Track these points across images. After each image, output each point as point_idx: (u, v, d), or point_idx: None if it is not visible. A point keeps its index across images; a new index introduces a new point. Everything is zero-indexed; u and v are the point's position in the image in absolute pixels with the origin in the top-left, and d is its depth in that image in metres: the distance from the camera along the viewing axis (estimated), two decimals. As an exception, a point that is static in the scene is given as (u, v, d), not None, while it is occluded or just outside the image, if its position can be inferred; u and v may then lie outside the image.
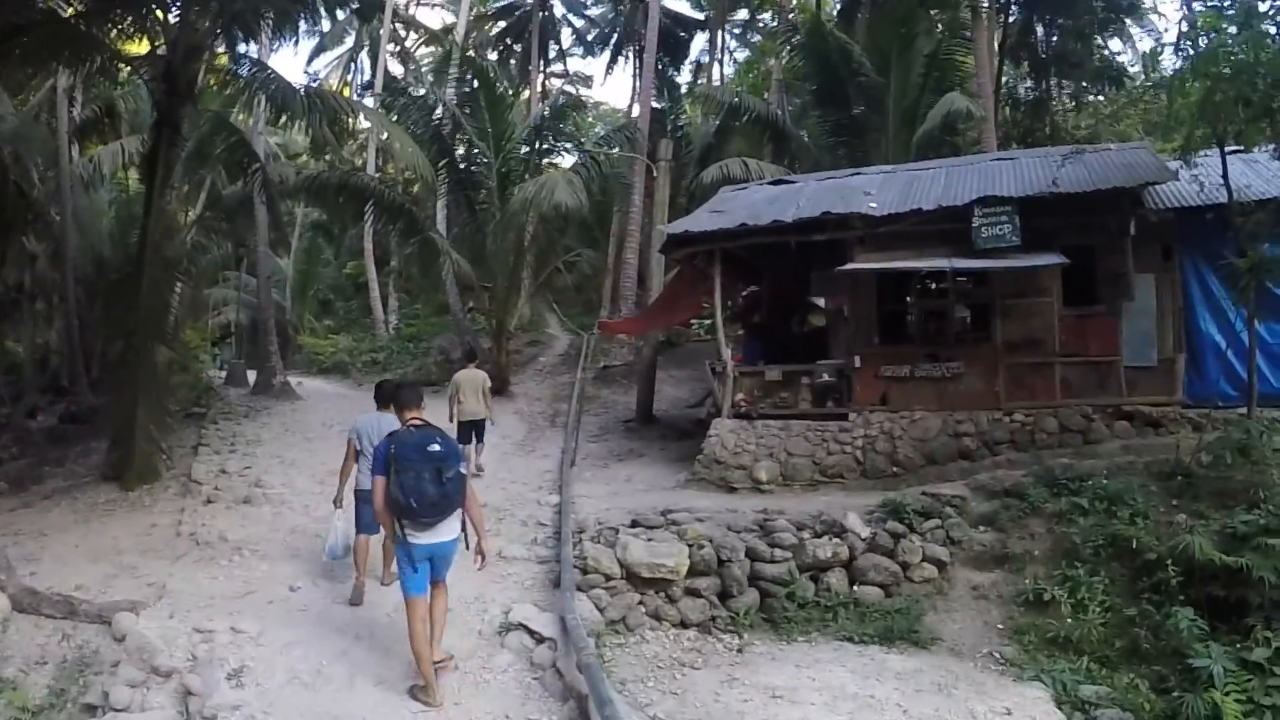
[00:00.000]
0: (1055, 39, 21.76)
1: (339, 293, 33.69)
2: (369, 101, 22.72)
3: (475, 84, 18.02)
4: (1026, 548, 8.81)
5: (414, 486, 5.52)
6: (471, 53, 21.95)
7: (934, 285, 12.31)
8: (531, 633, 7.07)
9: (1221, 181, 9.70)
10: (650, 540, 8.74)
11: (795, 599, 8.37)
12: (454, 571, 6.39)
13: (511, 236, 17.63)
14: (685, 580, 8.36)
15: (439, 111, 18.43)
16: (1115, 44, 23.52)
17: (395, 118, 19.03)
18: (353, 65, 35.61)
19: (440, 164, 17.99)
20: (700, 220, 12.70)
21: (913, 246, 11.21)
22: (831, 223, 11.54)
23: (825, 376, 11.69)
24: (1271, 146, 10.03)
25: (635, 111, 26.48)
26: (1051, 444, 10.71)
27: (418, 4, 36.26)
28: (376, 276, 28.00)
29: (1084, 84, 22.76)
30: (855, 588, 8.60)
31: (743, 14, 32.89)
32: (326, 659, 6.62)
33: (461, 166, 18.34)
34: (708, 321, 12.47)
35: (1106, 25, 21.54)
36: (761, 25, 34.38)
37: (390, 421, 6.87)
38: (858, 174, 13.81)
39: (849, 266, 11.21)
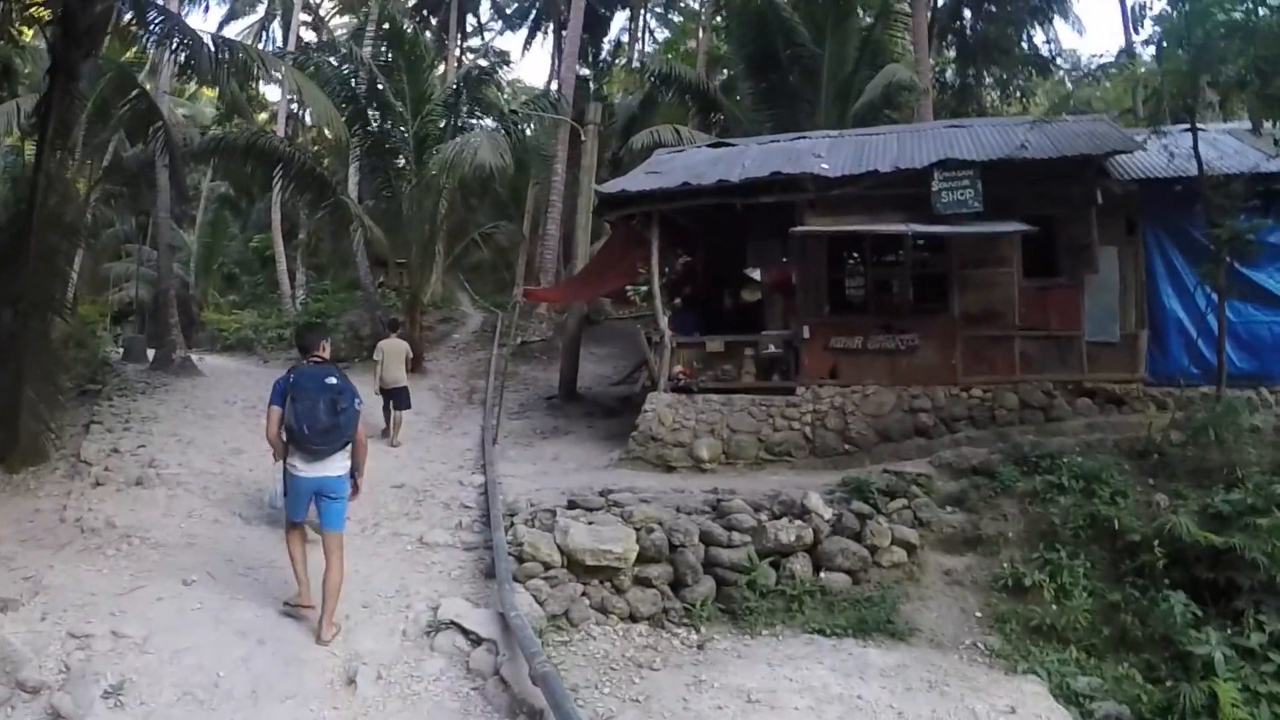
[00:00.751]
0: (981, 25, 21.63)
1: (245, 268, 31.26)
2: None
3: (391, 47, 16.42)
4: (1000, 529, 8.12)
5: (308, 413, 5.63)
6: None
7: (888, 254, 11.60)
8: (466, 633, 5.91)
9: (1190, 153, 9.29)
10: (592, 524, 7.67)
11: (756, 588, 7.42)
12: (371, 560, 5.23)
13: (428, 204, 16.17)
14: (634, 568, 7.32)
15: (355, 74, 16.66)
16: (1039, 35, 23.74)
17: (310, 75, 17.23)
18: (264, 34, 33.19)
19: (354, 128, 16.33)
20: (637, 180, 11.65)
21: (866, 211, 10.45)
22: (780, 184, 10.65)
23: (771, 348, 10.81)
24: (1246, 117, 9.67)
25: (555, 87, 25.16)
26: (1012, 421, 10.12)
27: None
28: (284, 250, 25.94)
29: (1010, 71, 22.81)
30: (821, 574, 7.70)
31: (667, -8, 32.05)
32: (225, 669, 5.34)
33: (376, 130, 16.60)
34: (643, 288, 11.28)
35: (1036, 14, 21.61)
36: (684, 5, 33.61)
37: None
38: (803, 138, 13.01)
39: (802, 229, 10.36)
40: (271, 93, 33.41)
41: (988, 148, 10.59)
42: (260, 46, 31.65)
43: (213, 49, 12.30)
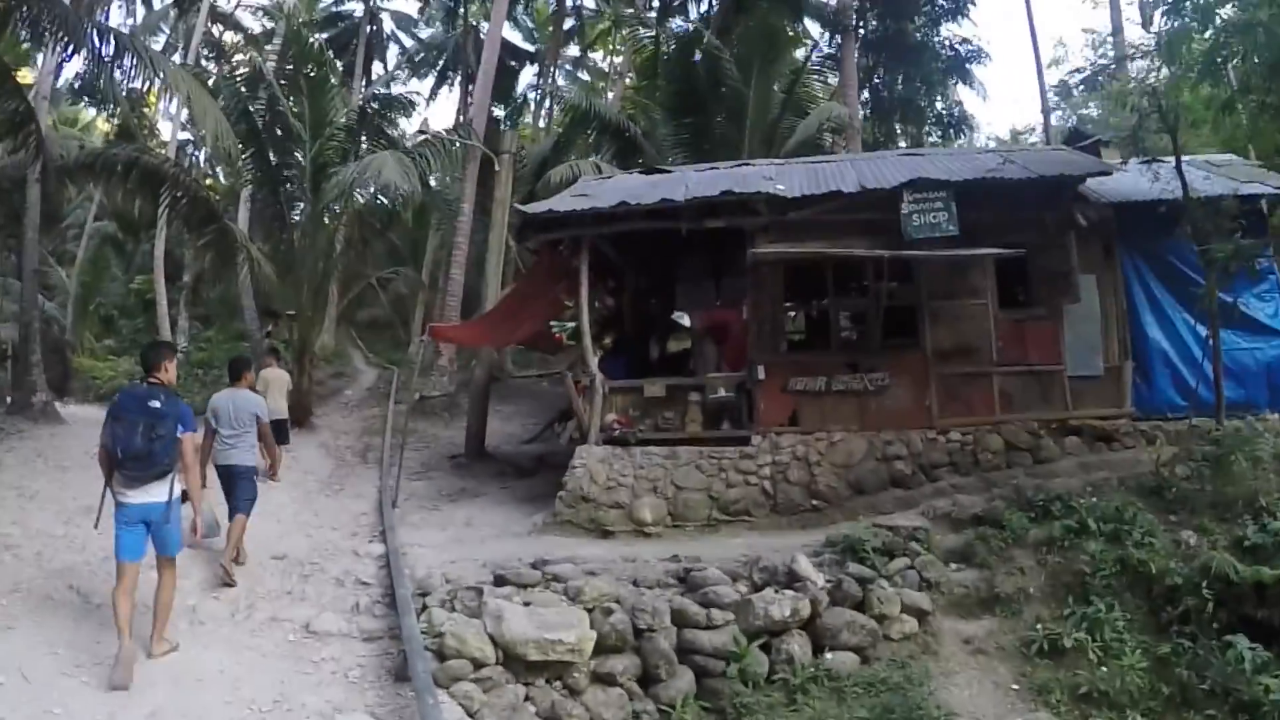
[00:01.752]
0: (900, 85, 21.53)
1: (125, 311, 27.81)
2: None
3: (294, 61, 14.63)
4: (1019, 585, 6.88)
5: (123, 436, 5.33)
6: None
7: (851, 285, 10.44)
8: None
9: (1172, 175, 8.63)
10: (530, 605, 5.97)
11: (748, 678, 5.85)
12: (242, 655, 3.61)
13: (322, 239, 14.29)
14: (591, 661, 5.71)
15: (253, 89, 14.72)
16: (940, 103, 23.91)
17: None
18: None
19: (248, 153, 14.38)
20: (566, 201, 10.22)
21: (826, 238, 9.29)
22: (730, 207, 9.44)
23: (721, 391, 9.39)
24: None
25: (463, 119, 23.65)
26: (997, 464, 9.00)
27: (238, 5, 31.70)
28: (167, 294, 23.10)
29: (922, 130, 22.79)
30: (826, 654, 6.22)
31: (574, 50, 31.32)
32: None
33: (272, 159, 14.73)
34: (570, 325, 9.78)
35: (949, 76, 21.67)
36: (592, 64, 33.03)
37: (245, 397, 7.76)
38: (746, 164, 11.94)
39: (762, 250, 9.12)
40: (164, 130, 30.52)
41: (956, 173, 9.68)
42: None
43: (95, 40, 10.48)
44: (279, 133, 14.85)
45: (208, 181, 26.61)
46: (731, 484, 9.03)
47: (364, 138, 15.93)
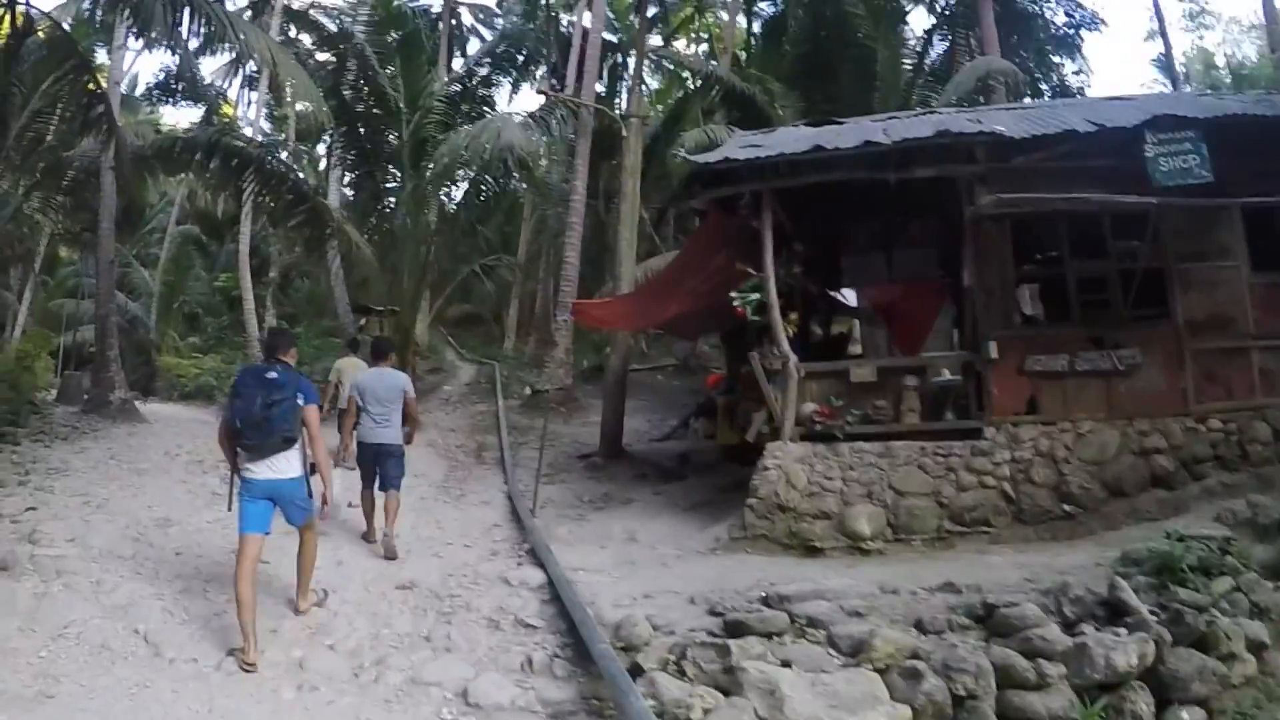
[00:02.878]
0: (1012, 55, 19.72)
1: (209, 309, 27.23)
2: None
3: (385, 31, 13.42)
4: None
5: (242, 407, 5.19)
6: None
7: (1089, 246, 8.54)
8: None
9: None
10: (790, 664, 4.44)
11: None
12: None
13: (424, 218, 13.03)
14: (907, 750, 4.06)
15: (343, 59, 13.47)
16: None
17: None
18: (240, 69, 29.77)
19: (338, 129, 13.20)
20: (744, 150, 8.56)
21: (1053, 189, 7.59)
22: (939, 154, 7.77)
23: (945, 374, 7.73)
24: None
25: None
26: (1269, 458, 7.23)
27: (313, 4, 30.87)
28: (253, 289, 22.29)
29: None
30: (1182, 713, 4.56)
31: (656, 39, 29.70)
32: None
33: (364, 132, 13.50)
34: (752, 296, 8.16)
35: (1060, 46, 19.53)
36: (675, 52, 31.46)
37: (392, 375, 7.60)
38: (932, 112, 10.20)
39: (996, 197, 7.42)
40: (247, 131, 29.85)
41: (1203, 110, 7.84)
42: (233, 81, 28.70)
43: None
44: (373, 107, 13.61)
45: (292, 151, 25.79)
46: (964, 487, 7.34)
47: (466, 109, 14.61)
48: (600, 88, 24.21)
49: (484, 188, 15.21)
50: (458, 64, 30.75)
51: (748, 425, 12.27)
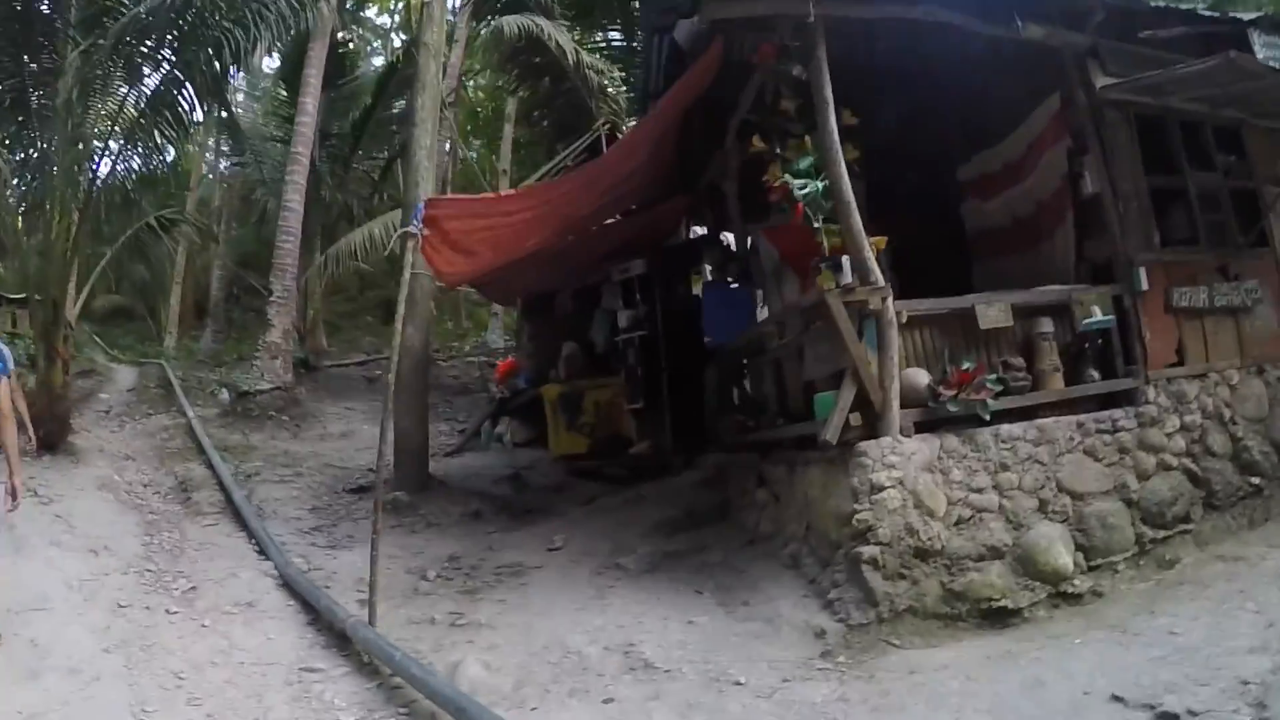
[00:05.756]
0: None
1: None
2: None
3: None
4: None
5: None
6: None
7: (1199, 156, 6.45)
8: None
9: None
10: None
11: None
12: None
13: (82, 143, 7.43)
14: None
15: None
16: None
17: None
18: None
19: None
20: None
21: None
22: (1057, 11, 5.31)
23: (1097, 314, 5.18)
24: None
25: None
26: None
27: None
28: None
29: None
30: None
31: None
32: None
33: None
34: (801, 187, 4.85)
35: None
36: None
37: None
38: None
39: (1132, 79, 5.14)
40: None
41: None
42: None
43: None
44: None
45: None
46: (1144, 473, 4.86)
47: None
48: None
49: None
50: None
51: (599, 421, 9.17)
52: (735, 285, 7.09)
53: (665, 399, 7.95)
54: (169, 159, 9.66)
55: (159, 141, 8.53)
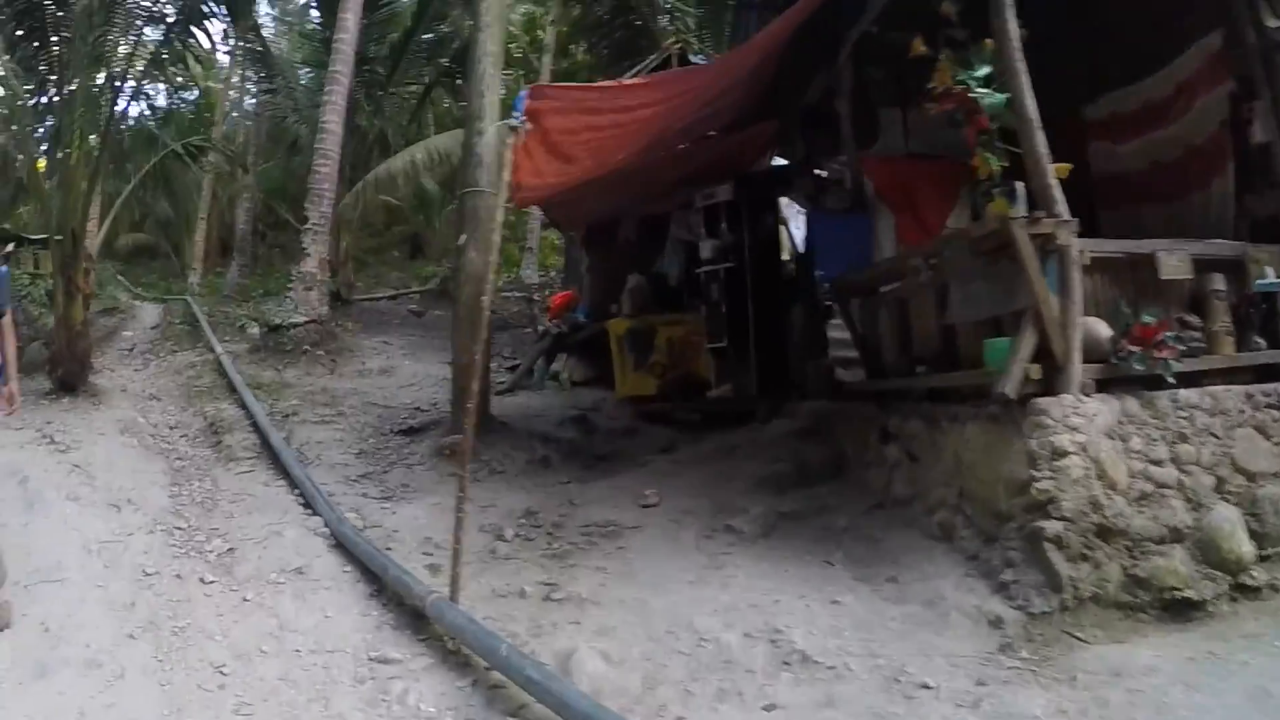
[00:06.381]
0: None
1: None
2: None
3: None
4: None
5: None
6: None
7: None
8: None
9: None
10: None
11: None
12: None
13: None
14: None
15: None
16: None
17: None
18: None
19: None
20: None
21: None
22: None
23: (1269, 275, 4.65)
24: None
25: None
26: None
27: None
28: None
29: None
30: None
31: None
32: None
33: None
34: (992, 96, 4.20)
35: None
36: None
37: None
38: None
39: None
40: None
41: None
42: None
43: None
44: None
45: None
46: None
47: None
48: None
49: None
50: None
51: (671, 361, 8.63)
52: (850, 215, 6.47)
53: (752, 338, 7.32)
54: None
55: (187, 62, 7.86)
